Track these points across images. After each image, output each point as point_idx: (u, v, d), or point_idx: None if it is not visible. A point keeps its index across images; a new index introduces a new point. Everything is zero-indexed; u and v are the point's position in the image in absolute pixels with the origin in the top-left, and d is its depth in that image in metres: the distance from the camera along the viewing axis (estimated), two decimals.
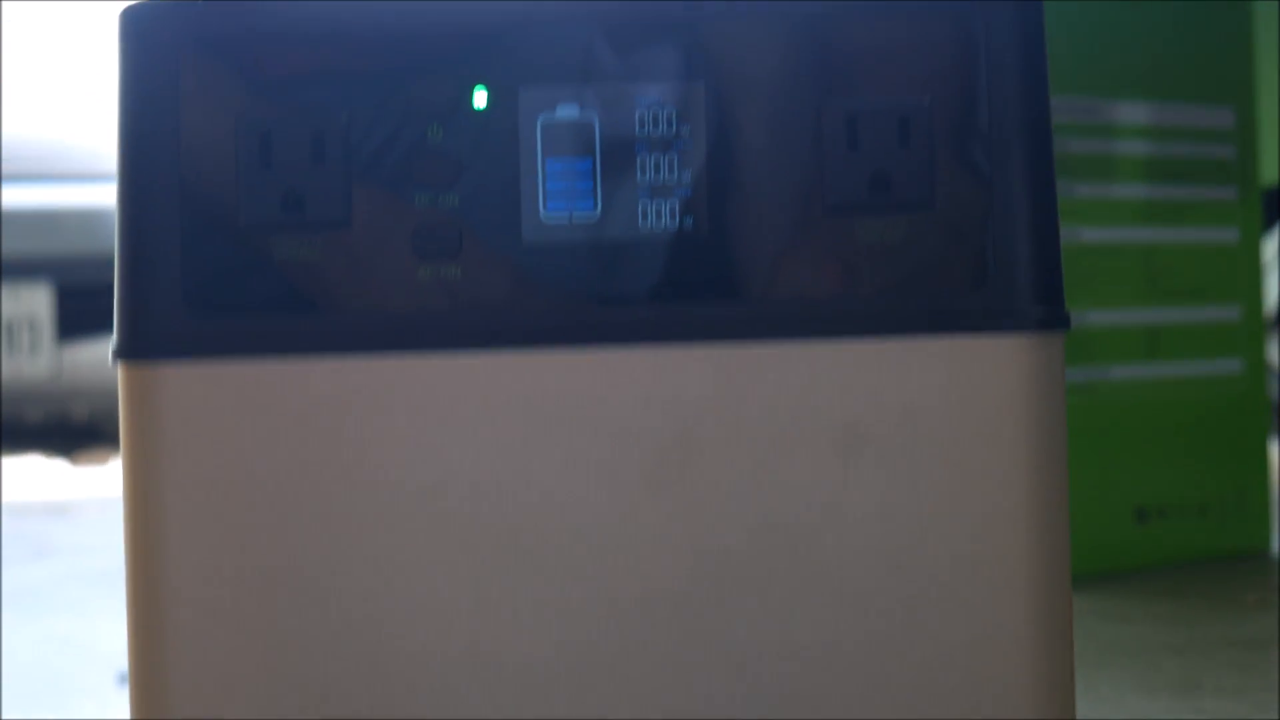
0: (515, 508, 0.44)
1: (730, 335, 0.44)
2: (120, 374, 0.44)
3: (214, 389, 0.44)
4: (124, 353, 0.44)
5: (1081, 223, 1.00)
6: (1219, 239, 1.06)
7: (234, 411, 0.44)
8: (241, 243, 0.44)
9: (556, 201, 0.44)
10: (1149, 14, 1.03)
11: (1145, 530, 1.01)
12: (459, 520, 0.44)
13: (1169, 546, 1.01)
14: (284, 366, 0.44)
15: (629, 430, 0.44)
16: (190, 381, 0.44)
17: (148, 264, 0.44)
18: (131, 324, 0.44)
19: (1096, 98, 1.01)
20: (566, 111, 0.45)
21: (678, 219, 0.44)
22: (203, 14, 0.45)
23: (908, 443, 0.44)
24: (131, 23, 0.45)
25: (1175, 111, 1.04)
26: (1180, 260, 1.04)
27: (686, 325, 0.44)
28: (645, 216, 0.44)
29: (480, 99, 0.45)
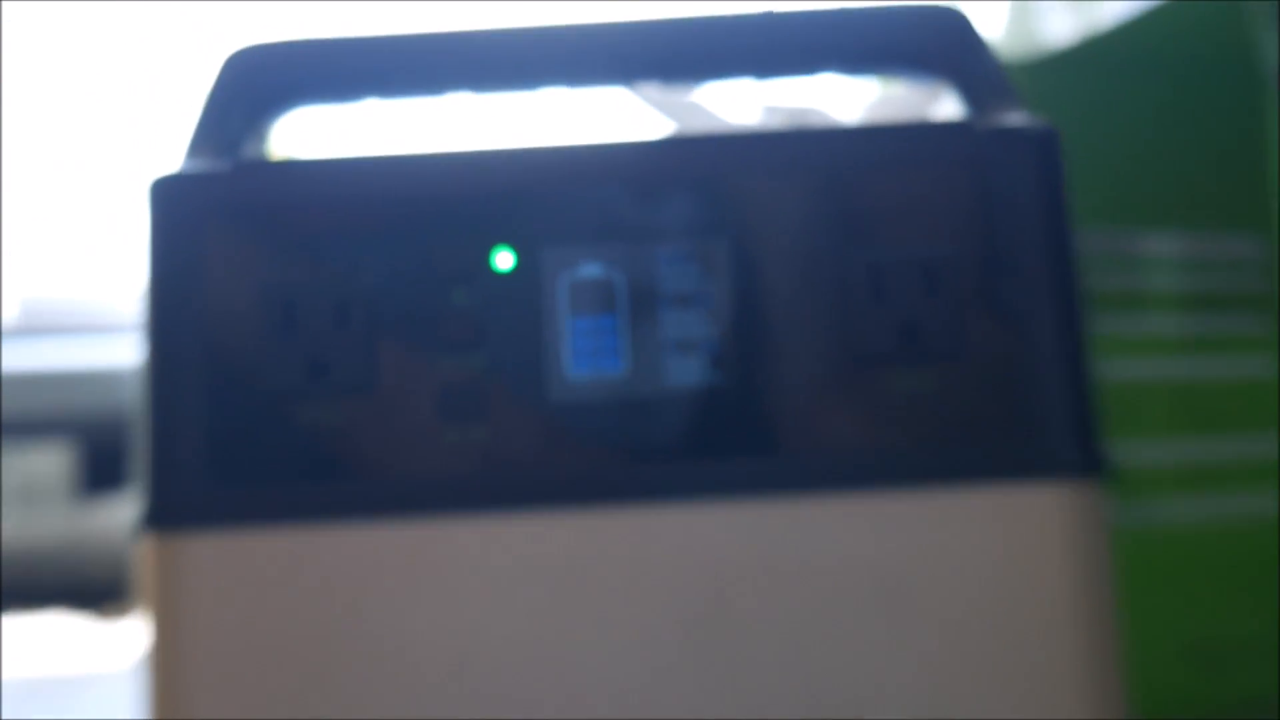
0: (548, 673, 0.43)
1: (762, 490, 0.44)
2: (146, 544, 0.44)
3: (241, 558, 0.44)
4: (150, 522, 0.44)
5: (1118, 358, 1.00)
6: (1255, 370, 1.06)
7: (261, 580, 0.44)
8: (267, 409, 0.44)
9: (582, 360, 0.45)
10: (1174, 143, 1.04)
11: (1199, 673, 0.99)
12: (490, 688, 0.43)
13: (1224, 688, 1.00)
14: (311, 534, 0.44)
15: (662, 590, 0.44)
16: (217, 551, 0.44)
17: (173, 433, 0.44)
18: (157, 493, 0.44)
19: (1126, 230, 1.02)
20: (590, 270, 0.45)
21: (705, 374, 0.45)
22: (229, 183, 0.46)
23: (948, 596, 0.43)
24: (160, 192, 0.46)
25: (1205, 242, 1.04)
26: (1218, 393, 1.03)
27: (717, 481, 0.44)
28: (672, 372, 0.45)
29: (504, 260, 0.45)
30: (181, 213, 0.45)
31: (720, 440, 0.44)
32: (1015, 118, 0.47)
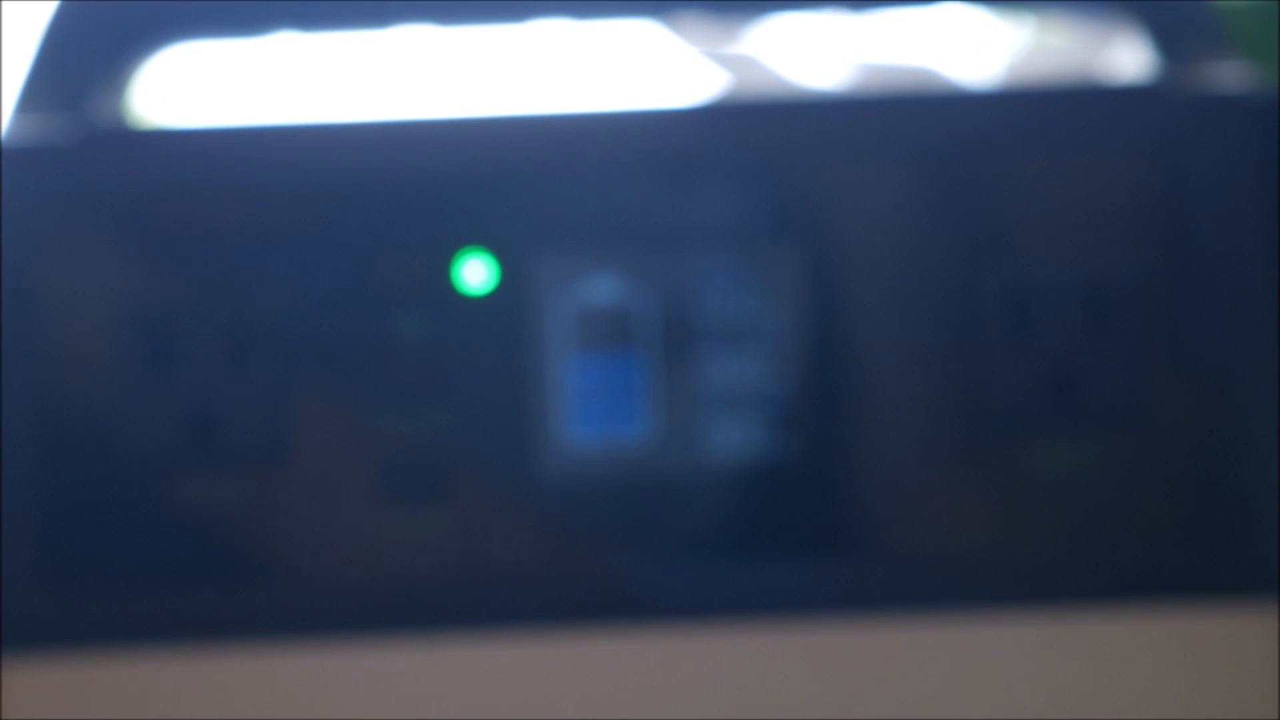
0: None
1: (845, 609, 0.45)
2: None
3: (88, 697, 0.45)
4: None
5: None
6: None
7: None
8: (126, 486, 0.46)
9: (588, 420, 0.46)
10: None
11: None
12: None
13: None
14: (191, 664, 0.45)
15: None
16: (52, 686, 0.45)
17: None
18: None
19: None
20: (604, 291, 0.46)
21: (764, 444, 0.46)
22: (76, 158, 0.47)
23: None
24: None
25: None
26: None
27: (780, 596, 0.45)
28: (716, 439, 0.46)
29: (476, 273, 0.46)
30: (7, 199, 0.46)
31: (784, 539, 0.45)
32: (1227, 79, 0.48)
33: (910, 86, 0.50)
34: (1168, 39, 0.49)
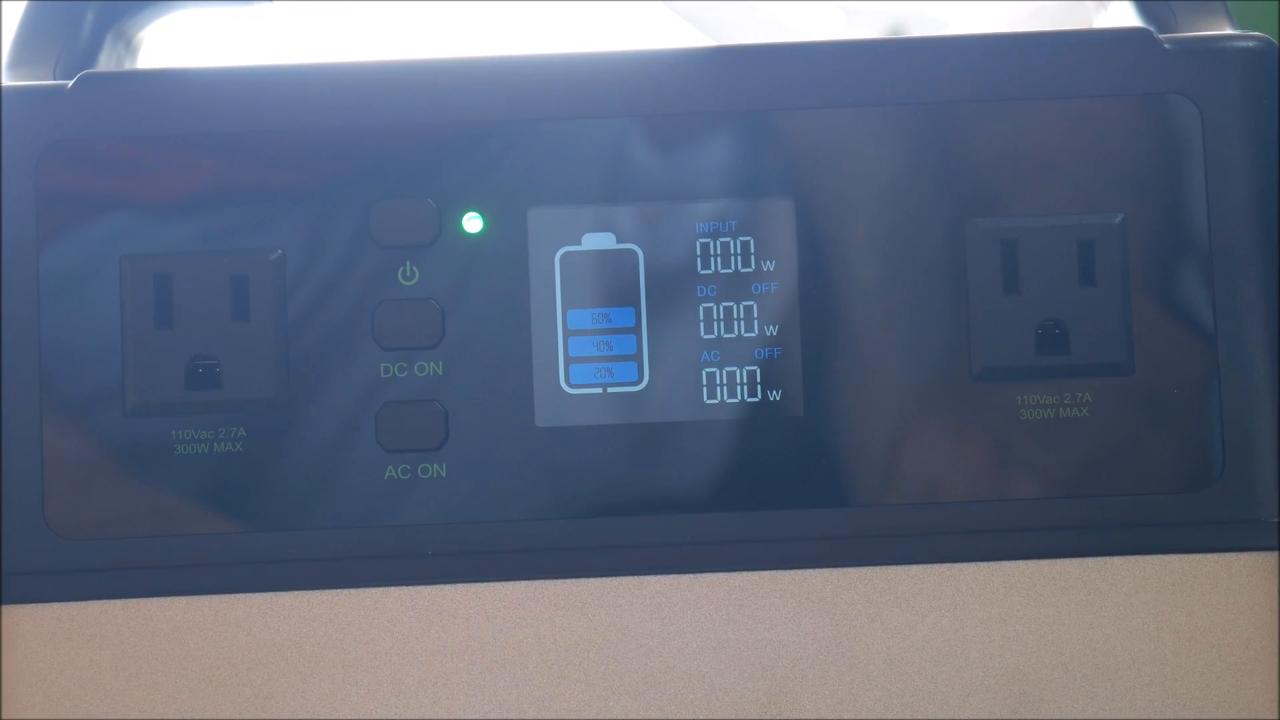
0: None
1: (837, 558, 0.45)
2: None
3: (91, 644, 0.45)
4: None
5: None
6: None
7: (118, 673, 0.45)
8: (129, 435, 0.45)
9: (584, 369, 0.46)
10: None
11: None
12: None
13: None
14: (193, 610, 0.45)
15: (700, 696, 0.45)
16: (56, 634, 0.45)
17: None
18: None
19: None
20: (597, 242, 0.46)
21: (759, 393, 0.46)
22: (72, 104, 0.46)
23: (1103, 705, 0.45)
24: None
25: None
26: None
27: (775, 544, 0.45)
28: (712, 390, 0.46)
29: (472, 224, 0.46)
30: (3, 145, 0.46)
31: (779, 487, 0.45)
32: (1218, 27, 0.48)
33: (905, 31, 0.49)
34: None
